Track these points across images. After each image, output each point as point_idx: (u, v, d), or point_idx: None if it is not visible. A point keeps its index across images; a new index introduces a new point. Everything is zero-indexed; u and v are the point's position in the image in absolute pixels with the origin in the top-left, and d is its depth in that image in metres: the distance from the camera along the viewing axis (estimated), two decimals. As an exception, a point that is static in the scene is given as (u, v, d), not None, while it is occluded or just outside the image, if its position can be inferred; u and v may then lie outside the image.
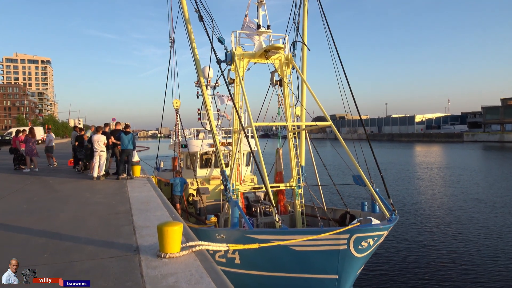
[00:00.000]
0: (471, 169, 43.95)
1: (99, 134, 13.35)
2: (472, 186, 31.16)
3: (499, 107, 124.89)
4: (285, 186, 15.37)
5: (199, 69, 15.73)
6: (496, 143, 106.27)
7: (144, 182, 12.60)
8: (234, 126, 14.82)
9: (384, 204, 11.58)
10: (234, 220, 11.09)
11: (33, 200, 9.36)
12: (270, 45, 14.14)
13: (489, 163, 52.30)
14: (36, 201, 9.27)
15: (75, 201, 9.26)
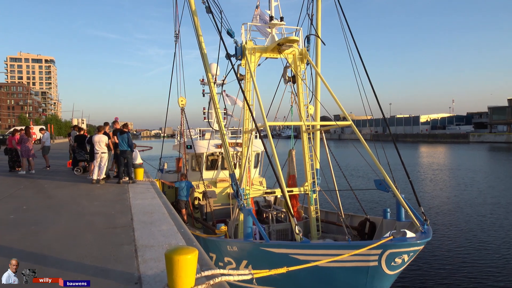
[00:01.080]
0: (483, 170, 42.64)
1: (101, 134, 12.26)
2: (487, 189, 29.87)
3: (506, 108, 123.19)
4: (299, 190, 14.25)
5: (206, 64, 14.61)
6: (503, 144, 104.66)
7: (148, 187, 11.50)
8: (245, 125, 13.69)
9: (413, 212, 10.45)
10: (247, 230, 9.96)
11: (22, 209, 8.27)
12: (284, 38, 13.00)
13: (499, 164, 50.91)
14: (25, 210, 8.17)
15: (69, 210, 8.16)
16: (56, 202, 9.11)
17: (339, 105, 12.72)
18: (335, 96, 12.75)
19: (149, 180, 13.26)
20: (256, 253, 9.44)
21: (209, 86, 14.57)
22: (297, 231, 8.71)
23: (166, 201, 9.18)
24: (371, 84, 12.79)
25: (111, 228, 6.54)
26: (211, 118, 21.43)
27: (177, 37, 18.76)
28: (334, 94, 12.78)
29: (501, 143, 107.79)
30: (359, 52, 13.23)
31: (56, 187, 11.61)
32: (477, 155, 67.82)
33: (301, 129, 14.45)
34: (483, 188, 30.68)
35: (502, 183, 33.11)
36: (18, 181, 12.88)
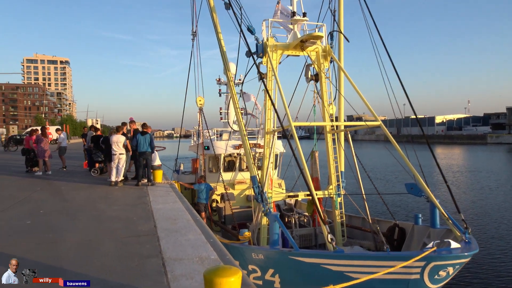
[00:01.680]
0: (506, 173, 41.17)
1: (119, 134, 11.81)
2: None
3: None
4: (323, 194, 13.59)
5: (226, 62, 14.07)
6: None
7: (167, 190, 10.99)
8: (267, 126, 13.09)
9: (450, 219, 9.71)
10: (274, 237, 9.37)
11: (38, 213, 7.82)
12: (308, 34, 12.37)
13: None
14: (42, 214, 7.71)
15: (87, 215, 7.67)
16: (73, 206, 8.64)
17: (366, 104, 12.05)
18: (361, 94, 12.09)
19: (168, 182, 12.77)
20: (285, 262, 8.84)
21: (228, 85, 14.03)
22: (329, 239, 8.08)
23: (189, 205, 8.64)
24: (402, 84, 12.10)
25: (133, 236, 6.01)
26: (228, 118, 20.91)
27: (194, 35, 18.29)
28: (360, 92, 12.13)
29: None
30: (387, 50, 12.56)
31: (73, 189, 11.19)
32: (497, 157, 65.90)
33: (324, 130, 13.81)
34: (509, 191, 29.45)
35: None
36: (35, 183, 12.52)
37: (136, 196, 9.96)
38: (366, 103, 12.04)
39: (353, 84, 12.31)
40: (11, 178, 13.84)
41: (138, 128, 14.37)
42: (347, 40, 14.05)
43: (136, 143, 11.61)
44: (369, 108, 11.87)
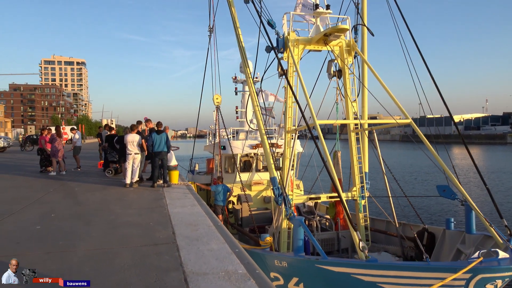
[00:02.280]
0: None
1: (134, 133, 11.34)
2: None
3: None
4: (346, 196, 12.90)
5: (245, 58, 13.50)
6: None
7: (185, 192, 10.46)
8: (288, 124, 12.46)
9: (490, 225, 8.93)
10: (298, 243, 8.74)
11: (50, 216, 7.35)
12: (333, 27, 11.69)
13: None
14: (53, 218, 7.24)
15: (101, 219, 7.17)
16: (87, 209, 8.17)
17: (395, 100, 11.33)
18: (389, 91, 11.37)
19: (184, 183, 12.26)
20: (311, 271, 8.21)
21: (247, 82, 13.43)
22: (361, 247, 7.42)
23: (209, 209, 8.08)
24: (434, 81, 11.34)
25: (151, 245, 5.46)
26: (246, 117, 20.36)
27: (211, 31, 17.78)
28: (388, 89, 11.42)
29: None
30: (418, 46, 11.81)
31: (87, 190, 10.75)
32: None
33: (348, 129, 13.11)
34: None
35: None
36: (48, 184, 12.15)
37: (152, 198, 9.45)
38: (395, 100, 11.32)
39: (380, 80, 11.63)
40: (25, 179, 13.53)
41: (154, 127, 13.92)
42: (372, 34, 13.30)
43: (152, 143, 11.12)
44: (398, 105, 11.14)
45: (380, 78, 11.62)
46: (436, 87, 11.10)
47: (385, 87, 11.46)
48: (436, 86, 11.11)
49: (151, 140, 11.20)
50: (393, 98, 11.33)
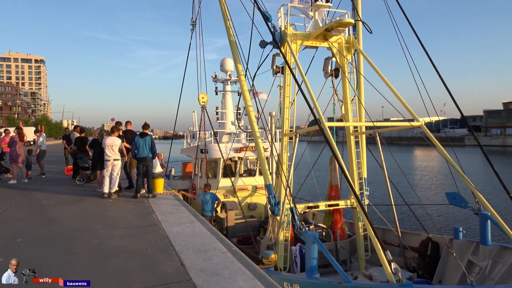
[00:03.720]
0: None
1: (113, 136, 9.84)
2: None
3: (501, 111, 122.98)
4: (345, 204, 12.03)
5: (235, 53, 12.31)
6: (498, 147, 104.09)
7: (174, 204, 9.11)
8: (285, 127, 11.39)
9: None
10: (312, 263, 7.66)
11: (15, 242, 5.83)
12: (336, 21, 10.75)
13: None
14: (20, 245, 5.73)
15: (84, 245, 5.73)
16: (63, 230, 6.67)
17: (401, 100, 10.56)
18: (395, 91, 10.60)
19: (170, 192, 10.88)
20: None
21: (239, 80, 12.24)
22: (393, 270, 6.45)
23: (212, 227, 6.83)
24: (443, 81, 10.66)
25: (159, 285, 4.16)
26: (225, 119, 19.17)
27: (194, 25, 16.43)
28: (393, 87, 10.64)
29: (496, 146, 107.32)
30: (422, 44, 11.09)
31: (58, 203, 9.14)
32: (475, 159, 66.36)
33: (347, 132, 12.24)
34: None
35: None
36: (9, 195, 10.36)
37: (139, 213, 8.05)
38: (400, 99, 10.56)
39: (384, 79, 10.80)
40: (-20, 189, 11.62)
41: (132, 129, 12.40)
42: (369, 31, 12.47)
43: (135, 147, 9.69)
44: (408, 109, 10.37)
45: (384, 78, 10.82)
46: (446, 88, 10.41)
47: (391, 87, 10.68)
48: (446, 87, 10.43)
49: (133, 145, 9.76)
50: (400, 98, 10.58)
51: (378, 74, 10.95)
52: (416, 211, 13.37)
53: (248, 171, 17.80)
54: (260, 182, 16.39)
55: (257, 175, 16.99)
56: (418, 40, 11.14)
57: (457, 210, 18.08)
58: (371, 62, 11.45)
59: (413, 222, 15.25)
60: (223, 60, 19.78)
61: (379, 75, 10.91)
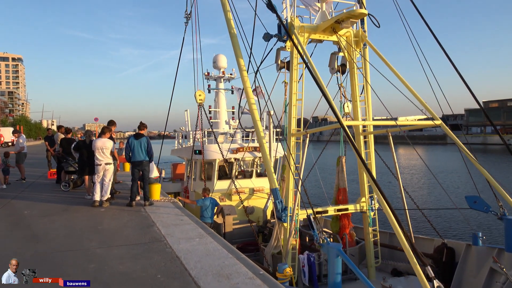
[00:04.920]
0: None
1: (105, 138, 8.79)
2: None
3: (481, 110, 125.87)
4: (354, 208, 11.27)
5: (237, 47, 11.38)
6: (479, 145, 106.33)
7: (175, 212, 8.14)
8: (292, 126, 10.53)
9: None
10: (336, 279, 6.83)
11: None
12: (348, 11, 9.95)
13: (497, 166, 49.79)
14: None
15: (78, 270, 4.72)
16: (50, 249, 5.63)
17: (416, 96, 9.89)
18: (408, 85, 9.91)
19: (168, 199, 9.89)
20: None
21: (241, 76, 11.31)
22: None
23: (226, 242, 5.92)
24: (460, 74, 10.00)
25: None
26: (218, 118, 18.25)
27: (188, 18, 15.41)
28: (409, 85, 9.95)
29: (477, 144, 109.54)
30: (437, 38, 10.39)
31: (42, 214, 8.03)
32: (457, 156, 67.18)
33: (355, 131, 11.46)
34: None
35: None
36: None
37: (138, 225, 7.05)
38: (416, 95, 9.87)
39: (396, 73, 10.10)
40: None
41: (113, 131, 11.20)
42: (377, 26, 11.71)
43: (130, 150, 8.66)
44: (427, 107, 9.67)
45: (398, 73, 10.10)
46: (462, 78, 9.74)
47: (405, 82, 9.98)
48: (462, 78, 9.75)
49: (127, 148, 8.72)
50: (416, 94, 9.89)
51: (391, 69, 10.23)
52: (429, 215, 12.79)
53: (243, 172, 16.94)
54: (257, 185, 15.55)
55: (253, 177, 16.14)
56: (432, 34, 10.45)
57: (472, 215, 17.46)
58: (382, 56, 10.71)
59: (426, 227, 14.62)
60: (216, 56, 18.89)
61: (392, 70, 10.20)
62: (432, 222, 12.11)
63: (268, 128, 14.97)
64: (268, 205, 14.54)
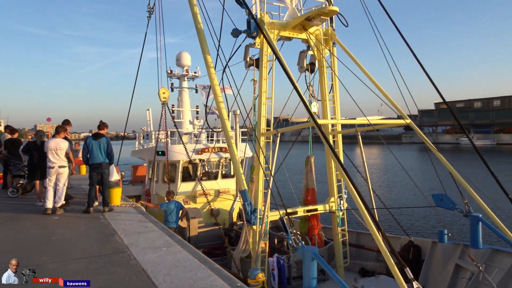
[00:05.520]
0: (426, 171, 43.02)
1: (59, 138, 7.98)
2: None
3: (433, 111, 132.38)
4: (323, 209, 11.15)
5: (203, 43, 10.86)
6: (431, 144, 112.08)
7: (139, 219, 7.53)
8: (262, 125, 10.20)
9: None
10: (311, 283, 6.54)
11: None
12: (319, 8, 9.75)
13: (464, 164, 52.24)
14: None
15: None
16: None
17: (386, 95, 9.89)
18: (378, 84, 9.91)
19: (129, 204, 9.20)
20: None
21: (208, 73, 10.80)
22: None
23: (197, 251, 5.45)
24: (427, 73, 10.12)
25: None
26: (182, 117, 17.61)
27: (151, 12, 14.66)
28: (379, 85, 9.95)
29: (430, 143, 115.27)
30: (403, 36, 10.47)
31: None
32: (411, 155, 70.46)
33: (324, 131, 11.30)
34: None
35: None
36: None
37: (97, 234, 6.39)
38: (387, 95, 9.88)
39: (366, 73, 10.06)
40: None
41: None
42: (346, 25, 11.66)
43: (88, 152, 7.91)
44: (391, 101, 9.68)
45: (368, 72, 10.07)
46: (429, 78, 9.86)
47: (374, 81, 9.96)
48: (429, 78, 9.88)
49: (85, 149, 7.98)
50: (385, 93, 9.89)
51: (360, 67, 10.17)
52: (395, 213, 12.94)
53: (207, 174, 16.44)
54: (223, 186, 15.14)
55: (219, 179, 15.70)
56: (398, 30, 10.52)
57: (439, 212, 17.87)
58: (351, 54, 10.64)
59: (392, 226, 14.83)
60: (180, 54, 18.26)
61: (361, 68, 10.13)
62: (398, 221, 12.27)
63: (235, 128, 14.59)
64: (234, 207, 14.15)
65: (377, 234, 6.41)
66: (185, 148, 12.75)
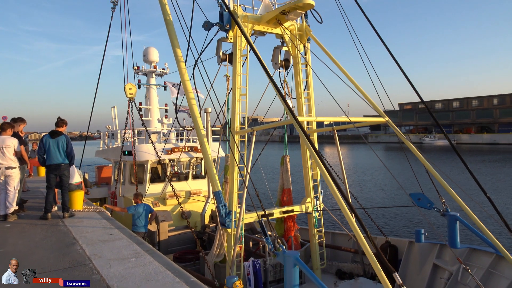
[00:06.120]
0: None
1: (6, 134, 7.09)
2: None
3: (397, 111, 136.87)
4: (300, 209, 10.81)
5: (173, 36, 10.23)
6: (396, 144, 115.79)
7: (103, 225, 6.82)
8: (236, 123, 9.70)
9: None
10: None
11: None
12: (294, 2, 9.38)
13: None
14: None
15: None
16: None
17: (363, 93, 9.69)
18: (355, 82, 9.69)
19: (93, 208, 8.43)
20: None
21: (178, 69, 10.16)
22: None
23: (169, 261, 4.88)
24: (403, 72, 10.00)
25: None
26: (150, 116, 16.84)
27: (115, 3, 13.79)
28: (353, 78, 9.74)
29: (394, 143, 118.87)
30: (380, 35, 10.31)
31: None
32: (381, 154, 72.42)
33: (297, 128, 10.97)
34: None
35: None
36: None
37: (55, 243, 5.66)
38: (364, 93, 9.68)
39: (343, 70, 9.82)
40: None
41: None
42: (320, 21, 11.38)
43: (44, 152, 7.10)
44: (374, 106, 9.48)
45: (344, 69, 9.83)
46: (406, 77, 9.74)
47: (350, 78, 9.75)
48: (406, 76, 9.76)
49: (41, 147, 7.16)
50: (361, 90, 9.69)
51: (335, 63, 9.93)
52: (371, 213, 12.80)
53: (177, 174, 15.75)
54: (194, 187, 14.54)
55: (190, 179, 15.06)
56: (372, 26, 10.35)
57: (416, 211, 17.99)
58: (326, 50, 10.36)
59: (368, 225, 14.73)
60: (147, 49, 17.49)
61: (336, 64, 9.90)
62: (374, 221, 12.12)
63: (206, 127, 14.00)
64: (206, 209, 13.58)
65: (361, 236, 6.07)
66: (154, 148, 12.05)
